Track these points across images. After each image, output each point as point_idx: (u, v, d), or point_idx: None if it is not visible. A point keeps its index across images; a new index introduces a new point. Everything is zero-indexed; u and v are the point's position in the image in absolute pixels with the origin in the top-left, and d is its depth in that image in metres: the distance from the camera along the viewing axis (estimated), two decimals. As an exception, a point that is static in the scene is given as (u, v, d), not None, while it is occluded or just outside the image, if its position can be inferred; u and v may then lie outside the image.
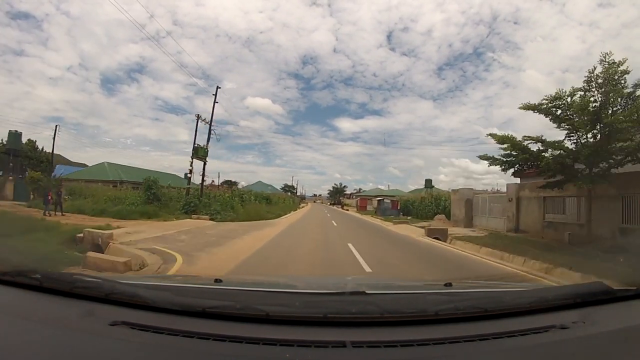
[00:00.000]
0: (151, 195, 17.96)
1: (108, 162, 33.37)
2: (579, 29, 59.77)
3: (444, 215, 20.75)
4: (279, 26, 76.38)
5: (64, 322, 1.02)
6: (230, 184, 48.84)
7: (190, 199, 19.02)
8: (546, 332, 1.04)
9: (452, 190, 21.02)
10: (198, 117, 20.84)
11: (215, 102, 21.61)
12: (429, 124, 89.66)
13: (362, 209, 46.14)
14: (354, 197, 75.80)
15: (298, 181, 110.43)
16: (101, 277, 1.38)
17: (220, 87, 22.53)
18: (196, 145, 20.21)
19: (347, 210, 48.83)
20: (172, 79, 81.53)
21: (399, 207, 30.09)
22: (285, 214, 26.18)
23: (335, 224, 18.17)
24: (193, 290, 1.37)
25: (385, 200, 31.99)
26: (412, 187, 61.91)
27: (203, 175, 20.92)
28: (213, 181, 29.87)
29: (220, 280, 1.48)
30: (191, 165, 19.93)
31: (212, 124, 21.42)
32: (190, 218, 16.28)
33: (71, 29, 66.01)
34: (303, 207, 53.29)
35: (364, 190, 76.47)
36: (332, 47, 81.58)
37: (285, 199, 45.52)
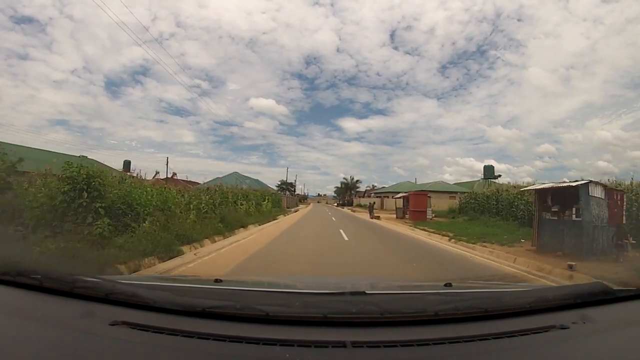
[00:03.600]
0: None
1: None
2: (583, 25, 56.46)
3: None
4: (282, 26, 73.06)
5: (64, 322, 1.02)
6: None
7: None
8: (546, 332, 1.04)
9: None
10: None
11: None
12: (434, 122, 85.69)
13: (415, 218, 19.61)
14: (369, 195, 56.28)
15: (297, 177, 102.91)
16: (101, 277, 1.30)
17: None
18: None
19: (379, 218, 22.74)
20: (175, 81, 76.66)
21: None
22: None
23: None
24: (193, 290, 1.36)
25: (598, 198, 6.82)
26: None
27: None
28: (176, 174, 18.36)
29: (220, 281, 1.48)
30: None
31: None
32: None
33: (75, 32, 63.85)
34: (298, 210, 34.52)
35: (381, 187, 59.34)
36: (336, 46, 77.83)
37: (248, 199, 18.55)
